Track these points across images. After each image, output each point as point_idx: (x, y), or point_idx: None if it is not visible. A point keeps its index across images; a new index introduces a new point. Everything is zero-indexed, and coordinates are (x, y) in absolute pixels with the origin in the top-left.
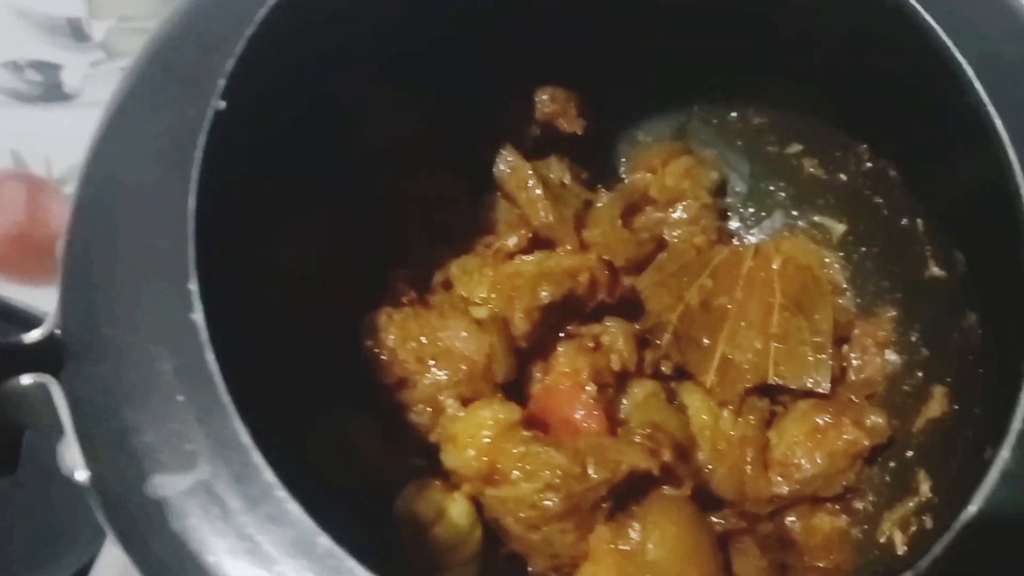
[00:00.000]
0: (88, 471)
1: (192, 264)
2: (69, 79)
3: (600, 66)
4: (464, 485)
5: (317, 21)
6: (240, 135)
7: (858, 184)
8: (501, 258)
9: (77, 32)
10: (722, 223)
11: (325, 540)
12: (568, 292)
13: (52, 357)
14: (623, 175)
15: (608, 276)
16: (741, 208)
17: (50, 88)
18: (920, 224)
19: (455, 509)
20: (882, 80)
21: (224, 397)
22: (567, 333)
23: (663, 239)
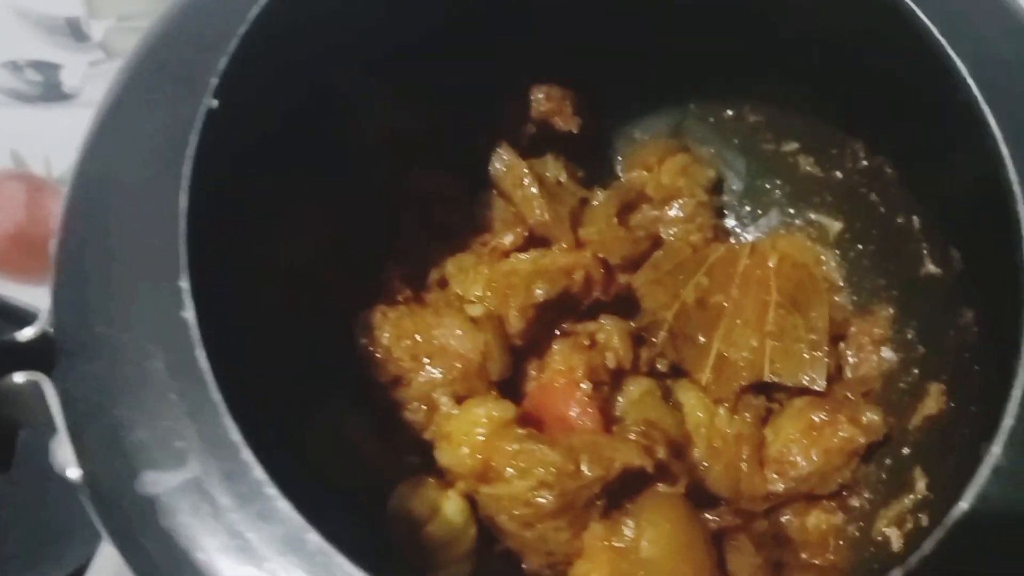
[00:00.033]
0: (80, 469)
1: (183, 262)
2: (68, 79)
3: (597, 65)
4: (458, 483)
5: (310, 20)
6: (233, 133)
7: (854, 182)
8: (497, 256)
9: (76, 32)
10: (718, 221)
11: (315, 537)
12: (563, 290)
13: (45, 355)
14: (619, 173)
15: (603, 274)
16: (737, 206)
17: (50, 88)
18: (916, 222)
19: (449, 507)
20: (878, 79)
21: (215, 395)
22: (563, 331)
23: (659, 237)
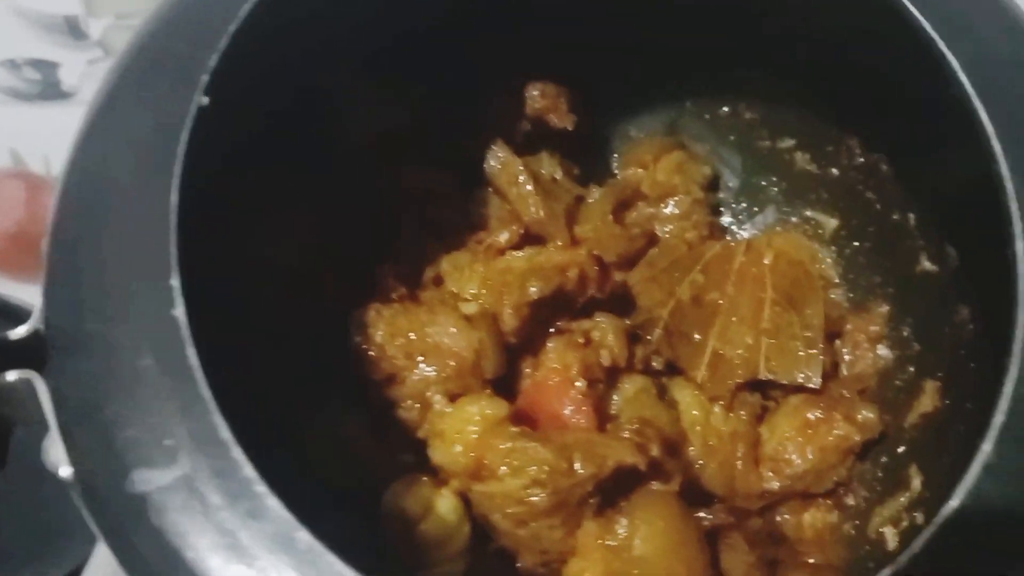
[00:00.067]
0: (71, 467)
1: (174, 260)
2: (67, 77)
3: (591, 62)
4: (452, 481)
5: (300, 17)
6: (224, 130)
7: (850, 179)
8: (492, 254)
9: (74, 30)
10: (714, 218)
11: (305, 535)
12: (557, 288)
13: (37, 353)
14: (615, 170)
15: (598, 272)
16: (733, 203)
17: (48, 86)
18: (912, 219)
19: (443, 505)
20: (872, 75)
21: (205, 392)
22: (557, 329)
23: (655, 234)
